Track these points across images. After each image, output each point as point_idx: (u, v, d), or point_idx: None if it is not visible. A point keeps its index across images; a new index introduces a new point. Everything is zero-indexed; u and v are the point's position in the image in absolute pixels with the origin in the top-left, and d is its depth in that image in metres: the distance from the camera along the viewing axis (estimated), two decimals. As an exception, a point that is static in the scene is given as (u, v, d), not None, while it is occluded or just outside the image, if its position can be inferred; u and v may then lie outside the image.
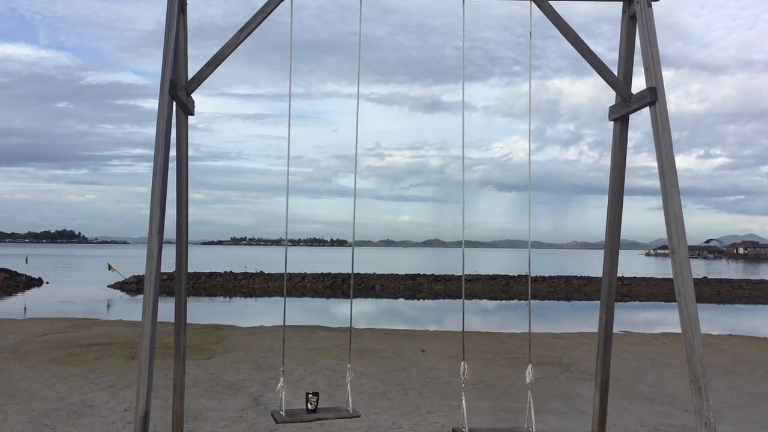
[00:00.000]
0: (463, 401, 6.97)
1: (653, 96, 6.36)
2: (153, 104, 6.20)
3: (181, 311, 7.44)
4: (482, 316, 30.83)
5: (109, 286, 45.80)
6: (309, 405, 7.15)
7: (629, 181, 7.77)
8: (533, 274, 55.14)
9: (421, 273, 55.00)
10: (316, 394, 7.23)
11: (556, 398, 11.31)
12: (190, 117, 7.42)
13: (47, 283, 49.63)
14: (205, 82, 6.91)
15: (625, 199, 7.78)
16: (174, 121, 6.79)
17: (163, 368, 11.94)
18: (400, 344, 17.62)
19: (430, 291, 46.94)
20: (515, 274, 54.34)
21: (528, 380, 7.09)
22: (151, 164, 6.08)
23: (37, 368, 13.25)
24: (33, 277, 50.36)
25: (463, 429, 6.86)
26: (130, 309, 30.72)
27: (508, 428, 7.75)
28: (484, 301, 39.95)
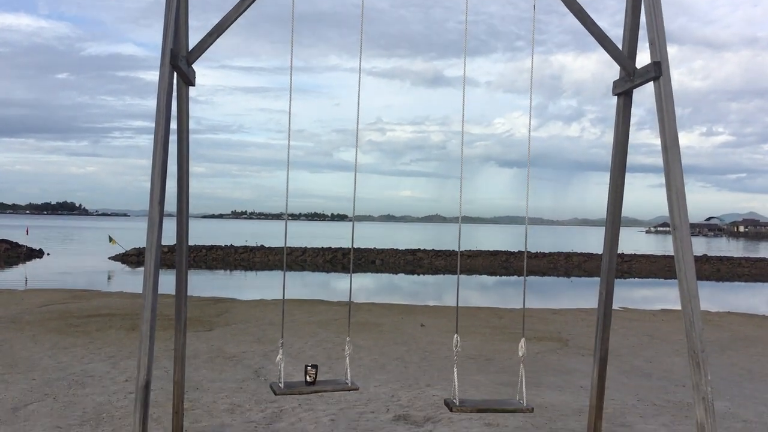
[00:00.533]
0: (455, 373, 7.05)
1: (658, 70, 6.30)
2: (154, 76, 6.15)
3: (182, 282, 7.45)
4: (482, 292, 30.95)
5: (109, 258, 45.92)
6: (308, 378, 7.18)
7: (630, 158, 7.73)
8: (533, 251, 55.27)
9: (422, 248, 55.08)
10: (314, 366, 7.26)
11: (554, 373, 11.37)
12: (191, 88, 7.37)
13: (48, 254, 49.75)
14: (206, 53, 6.85)
15: (627, 176, 7.75)
16: (175, 92, 6.75)
17: (164, 339, 11.99)
18: (399, 319, 17.70)
19: (430, 266, 47.05)
20: (515, 250, 54.43)
21: (521, 353, 7.14)
22: (152, 137, 6.05)
23: (37, 338, 13.32)
24: (34, 248, 50.48)
25: (455, 400, 6.95)
26: (131, 281, 30.82)
27: (498, 400, 7.82)
28: (484, 277, 40.07)
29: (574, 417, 8.63)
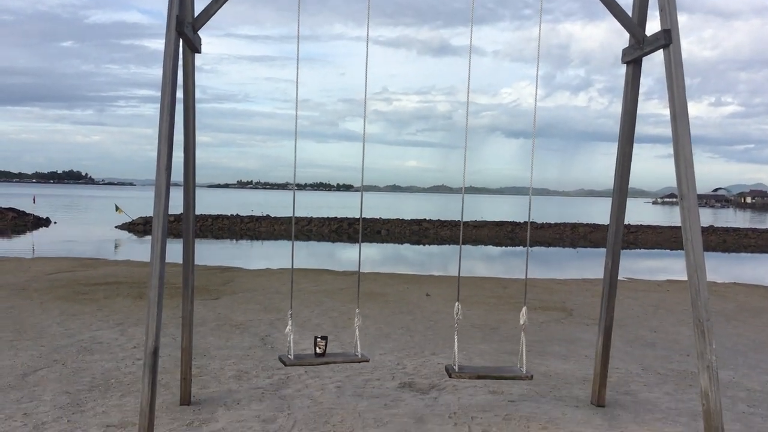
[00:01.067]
0: (455, 340, 7.14)
1: (667, 38, 6.24)
2: (159, 44, 6.12)
3: (189, 250, 7.49)
4: (487, 263, 31.00)
5: (116, 227, 46.08)
6: (317, 349, 7.24)
7: (638, 129, 7.70)
8: (539, 221, 55.20)
9: (427, 218, 55.08)
10: (324, 338, 7.31)
11: (559, 342, 11.43)
12: (196, 56, 7.34)
13: (55, 223, 49.93)
14: (210, 21, 6.81)
15: (634, 146, 7.72)
16: (181, 59, 6.72)
17: (171, 307, 12.10)
18: (405, 288, 17.77)
19: (435, 236, 47.09)
20: (521, 221, 54.40)
21: (521, 321, 7.19)
22: (158, 106, 6.04)
23: (46, 306, 13.43)
24: (41, 216, 50.65)
25: (455, 366, 7.03)
26: (138, 250, 30.95)
27: (498, 367, 7.90)
28: (490, 248, 40.10)
29: (578, 385, 8.69)
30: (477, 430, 6.90)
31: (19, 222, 48.05)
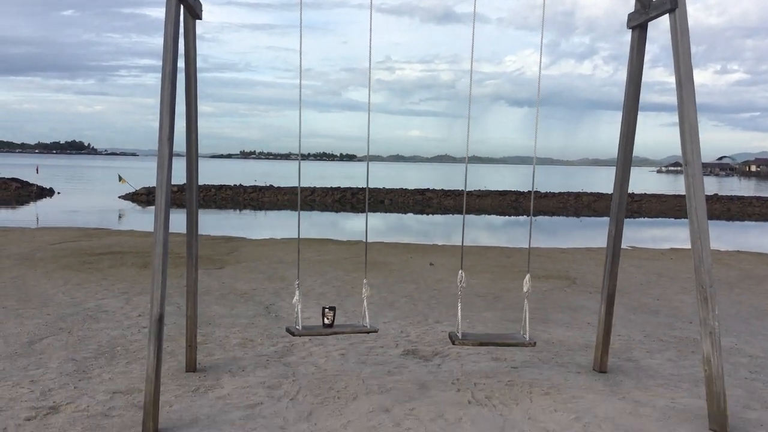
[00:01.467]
0: (459, 307, 7.18)
1: (673, 2, 6.16)
2: (160, 13, 6.05)
3: (192, 218, 7.50)
4: (491, 232, 31.03)
5: (119, 197, 46.13)
6: (325, 319, 7.27)
7: (643, 97, 7.65)
8: (543, 191, 55.11)
9: (431, 188, 55.01)
10: (332, 309, 7.34)
11: (562, 310, 11.48)
12: (198, 23, 7.27)
13: (58, 193, 50.00)
14: (212, -14, 6.73)
15: (639, 114, 7.66)
16: (182, 26, 6.66)
17: (176, 276, 12.13)
18: (408, 257, 17.81)
19: (439, 206, 47.08)
20: (525, 190, 54.30)
21: (525, 289, 7.22)
22: (159, 75, 6.00)
23: (51, 275, 13.50)
24: (44, 187, 50.69)
25: (458, 333, 7.08)
26: (142, 220, 31.02)
27: (501, 334, 7.94)
28: (493, 217, 40.10)
29: (580, 352, 8.74)
30: (480, 395, 6.96)
31: (22, 192, 48.12)
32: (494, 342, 7.12)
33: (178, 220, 7.68)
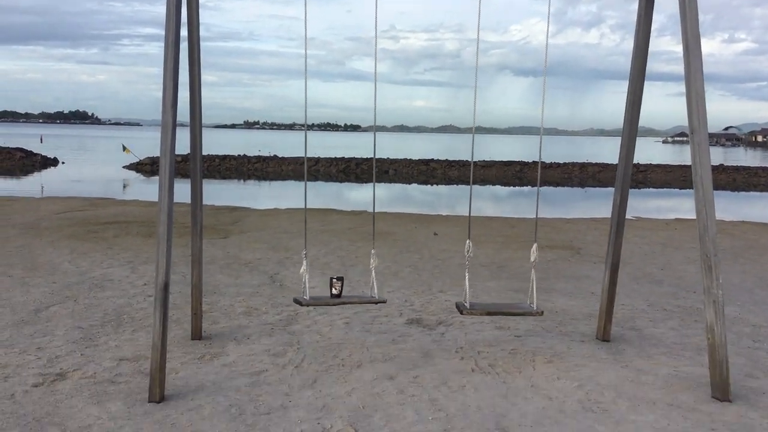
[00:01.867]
0: (467, 277, 7.19)
1: (683, -32, 6.06)
2: (162, -22, 5.98)
3: (196, 187, 7.49)
4: (495, 202, 31.00)
5: (123, 167, 46.15)
6: (333, 290, 7.30)
7: (650, 66, 7.54)
8: (547, 161, 54.91)
9: (435, 158, 54.85)
10: (340, 279, 7.36)
11: (565, 279, 11.49)
12: (200, -11, 7.19)
13: (63, 163, 50.04)
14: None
15: (645, 84, 7.59)
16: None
17: (181, 246, 12.15)
18: (412, 228, 17.82)
19: (443, 176, 47.00)
20: (529, 161, 54.13)
21: (532, 259, 7.22)
22: (162, 44, 5.96)
23: (56, 244, 13.55)
24: (48, 156, 50.72)
25: (466, 303, 7.09)
26: (146, 189, 31.05)
27: (509, 303, 7.96)
28: (498, 188, 40.04)
29: (584, 321, 8.77)
30: (483, 363, 7.00)
31: (27, 162, 48.16)
32: (502, 311, 7.14)
33: (182, 190, 7.69)
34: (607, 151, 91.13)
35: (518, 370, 6.83)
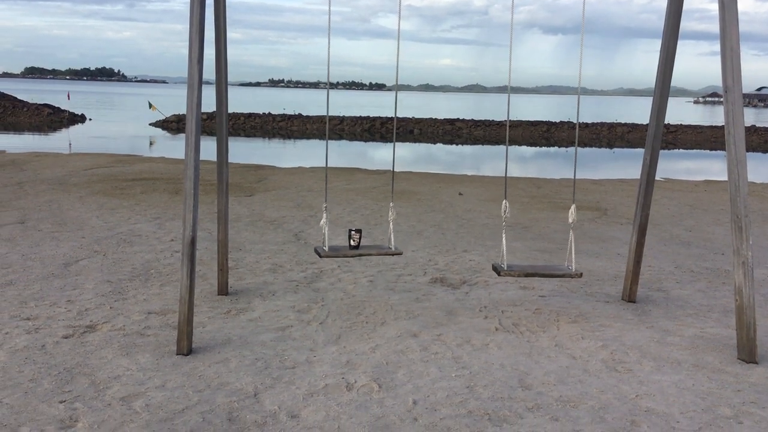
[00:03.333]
0: (503, 238, 7.11)
1: None
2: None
3: (222, 144, 7.50)
4: (521, 163, 30.73)
5: (150, 125, 46.36)
6: (351, 241, 7.32)
7: (683, 24, 7.35)
8: (575, 121, 54.15)
9: (461, 118, 54.37)
10: (358, 231, 7.38)
11: (592, 240, 11.41)
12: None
13: (90, 119, 50.36)
14: None
15: (678, 42, 7.40)
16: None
17: (207, 203, 12.26)
18: (437, 187, 17.76)
19: (469, 136, 46.63)
20: (557, 121, 53.43)
21: (570, 220, 7.14)
22: (187, 0, 5.91)
23: (85, 200, 13.71)
24: (76, 113, 51.05)
25: (503, 264, 7.04)
26: (172, 147, 31.22)
27: (547, 265, 7.88)
28: (524, 148, 39.64)
29: (609, 282, 8.72)
30: (507, 322, 7.01)
31: (54, 118, 48.53)
32: (540, 273, 7.03)
33: (208, 147, 7.70)
34: (638, 111, 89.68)
35: (542, 329, 6.83)
